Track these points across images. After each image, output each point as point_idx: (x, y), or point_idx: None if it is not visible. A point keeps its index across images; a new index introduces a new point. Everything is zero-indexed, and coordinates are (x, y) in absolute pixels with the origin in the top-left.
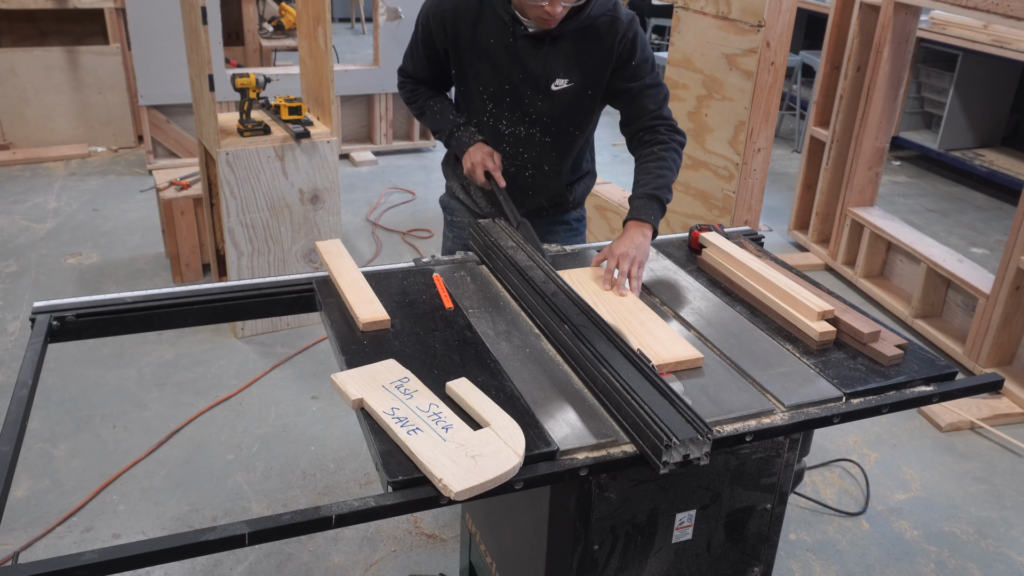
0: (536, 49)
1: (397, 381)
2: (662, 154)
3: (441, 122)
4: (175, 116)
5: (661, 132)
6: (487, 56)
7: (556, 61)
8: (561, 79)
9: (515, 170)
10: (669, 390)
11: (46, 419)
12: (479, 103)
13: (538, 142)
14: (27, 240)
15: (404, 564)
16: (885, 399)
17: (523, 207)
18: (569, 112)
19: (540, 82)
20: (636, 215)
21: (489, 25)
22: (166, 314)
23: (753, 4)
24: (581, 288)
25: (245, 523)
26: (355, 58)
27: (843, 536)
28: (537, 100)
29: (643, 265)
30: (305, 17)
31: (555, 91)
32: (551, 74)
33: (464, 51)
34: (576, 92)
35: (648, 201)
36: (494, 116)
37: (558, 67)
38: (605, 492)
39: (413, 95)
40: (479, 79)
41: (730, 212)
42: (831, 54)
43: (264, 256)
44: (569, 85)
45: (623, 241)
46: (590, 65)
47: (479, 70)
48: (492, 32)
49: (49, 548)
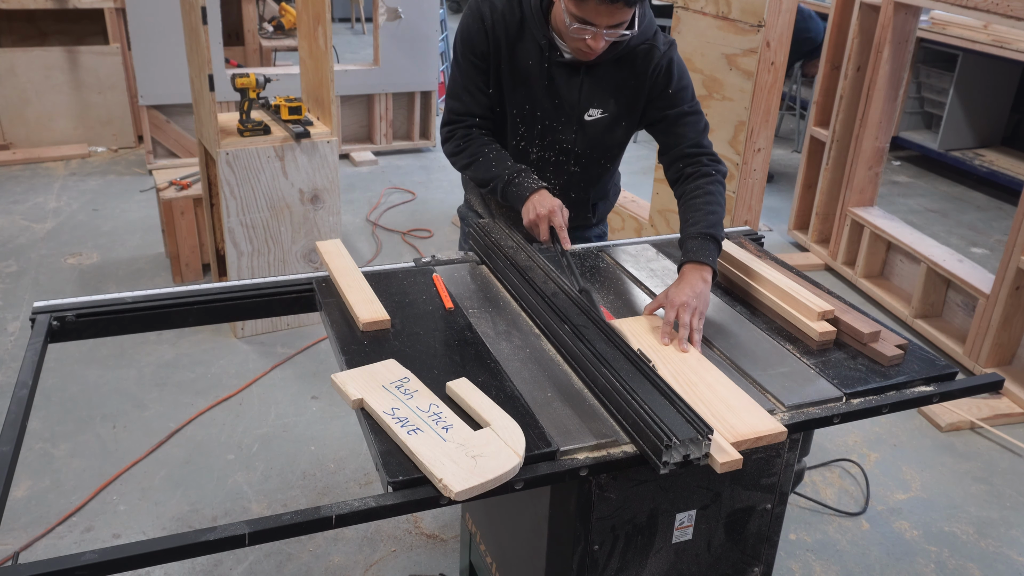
0: (571, 77)
1: (397, 381)
2: (709, 188)
3: (498, 169)
4: (175, 116)
5: (704, 163)
6: (522, 79)
7: (591, 90)
8: (595, 109)
9: None
10: (669, 390)
11: (46, 419)
12: (511, 124)
13: (567, 171)
14: (27, 240)
15: (404, 564)
16: (885, 399)
17: None
18: (601, 143)
19: (573, 111)
20: (694, 257)
21: (527, 46)
22: (166, 314)
23: (753, 4)
24: (637, 340)
25: (245, 523)
26: (355, 58)
27: (843, 536)
28: (570, 130)
29: (704, 316)
30: (305, 17)
31: (588, 121)
32: (585, 104)
33: (502, 68)
34: (609, 123)
35: (704, 241)
36: (525, 139)
37: (593, 97)
38: (605, 492)
39: (465, 142)
40: (512, 101)
41: (730, 212)
42: (831, 54)
43: (264, 256)
44: (603, 116)
45: (682, 288)
46: (625, 95)
47: (513, 91)
48: (529, 54)
49: (49, 548)
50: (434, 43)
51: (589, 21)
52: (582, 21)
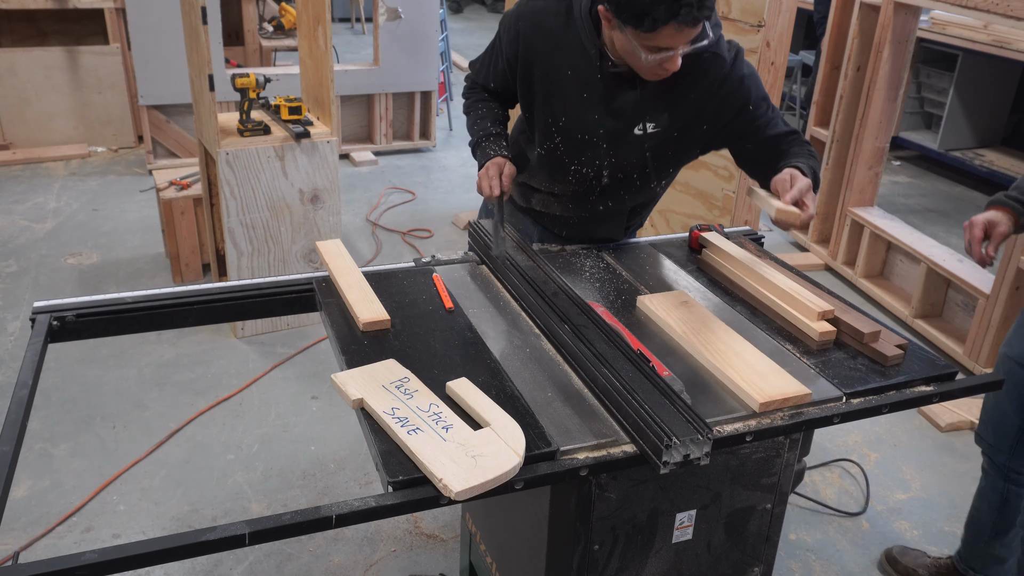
0: (622, 90)
1: (397, 381)
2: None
3: (477, 131)
4: (175, 116)
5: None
6: (561, 88)
7: (644, 103)
8: (648, 123)
9: (574, 204)
10: (669, 390)
11: (46, 419)
12: (546, 134)
13: (606, 186)
14: (27, 240)
15: (404, 564)
16: (885, 399)
17: (572, 231)
18: (651, 159)
19: (621, 126)
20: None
21: (570, 54)
22: (166, 314)
23: (753, 4)
24: (666, 314)
25: (245, 523)
26: (355, 58)
27: (843, 536)
28: (615, 145)
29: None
30: (305, 17)
31: (638, 135)
32: (637, 117)
33: (535, 75)
34: (663, 138)
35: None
36: (561, 150)
37: (646, 110)
38: (605, 492)
39: (469, 94)
40: (548, 110)
41: (730, 212)
42: (831, 54)
43: (264, 256)
44: (655, 130)
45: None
46: (684, 107)
47: (549, 101)
48: (572, 63)
49: (49, 548)
50: (434, 43)
51: (666, 47)
52: (658, 50)
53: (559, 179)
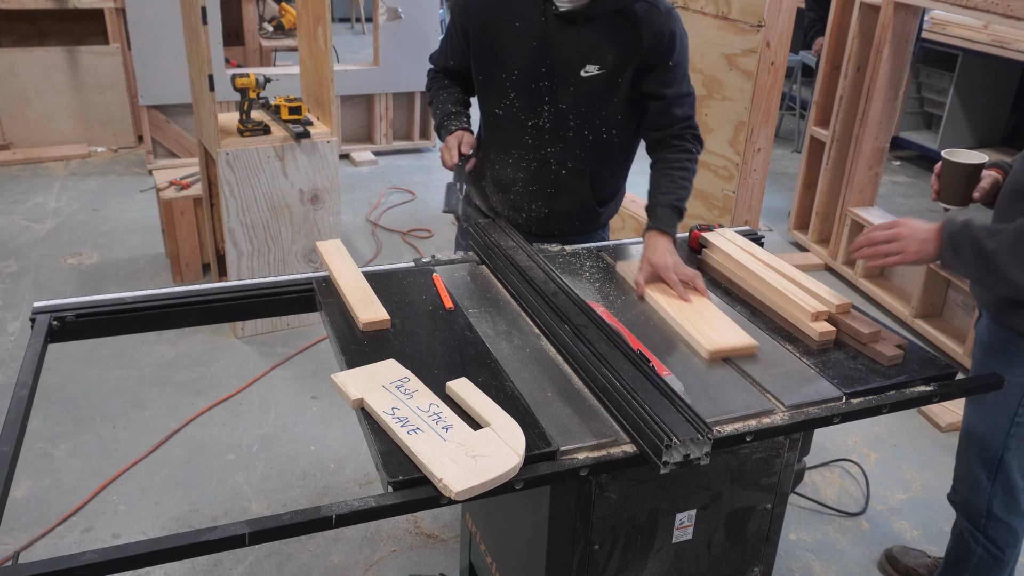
0: (567, 31)
1: (397, 381)
2: (687, 164)
3: (440, 113)
4: (175, 116)
5: (688, 140)
6: (513, 40)
7: (587, 45)
8: (592, 65)
9: (537, 165)
10: (669, 390)
11: (46, 419)
12: (500, 92)
13: (562, 136)
14: (27, 240)
15: (404, 564)
16: (885, 399)
17: (548, 206)
18: (597, 102)
19: (569, 67)
20: (661, 227)
21: (516, 7)
22: (166, 314)
23: (753, 4)
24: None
25: (245, 523)
26: (355, 58)
27: (843, 536)
28: (566, 87)
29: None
30: (305, 17)
31: (584, 78)
32: (582, 59)
33: (489, 34)
34: (606, 80)
35: (671, 212)
36: (516, 106)
37: (589, 51)
38: (605, 492)
39: (431, 83)
40: (503, 65)
41: (730, 212)
42: (831, 54)
43: (264, 256)
44: (599, 72)
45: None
46: (622, 52)
47: (503, 55)
48: (520, 14)
49: (49, 548)
50: (434, 43)
51: None
52: None
53: (517, 142)
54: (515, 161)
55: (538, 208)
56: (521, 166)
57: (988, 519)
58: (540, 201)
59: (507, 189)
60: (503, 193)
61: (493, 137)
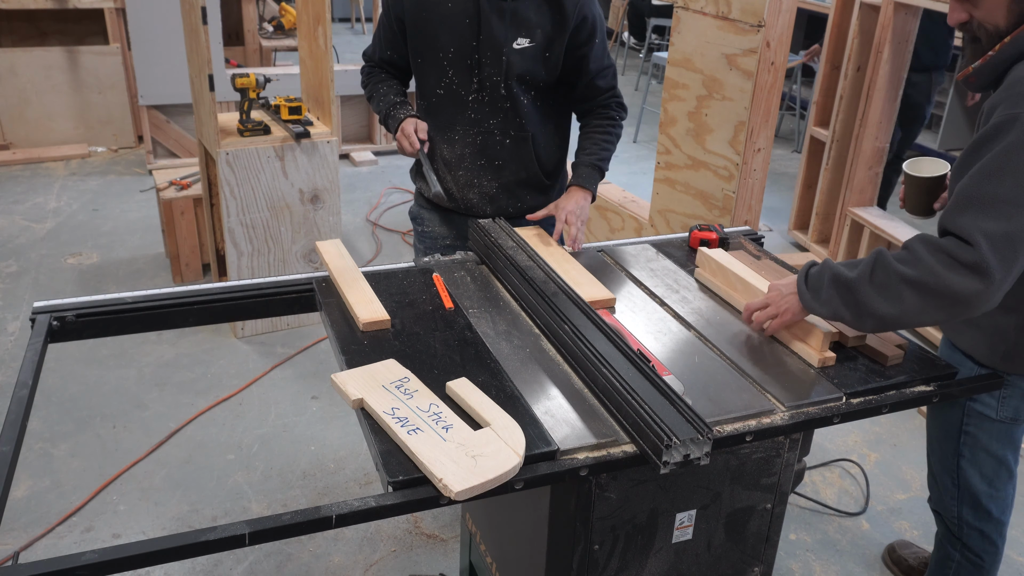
0: (498, 5)
1: (397, 381)
2: (610, 129)
3: (384, 104)
4: (175, 116)
5: (613, 108)
6: (446, 20)
7: (517, 20)
8: (523, 38)
9: (483, 139)
10: (669, 390)
11: (46, 419)
12: (438, 71)
13: (500, 107)
14: (27, 240)
15: (404, 564)
16: (885, 399)
17: (497, 180)
18: (530, 71)
19: (502, 40)
20: (581, 183)
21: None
22: (166, 314)
23: (753, 4)
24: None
25: (245, 523)
26: (355, 58)
27: (843, 536)
28: (500, 59)
29: (584, 224)
30: (305, 17)
31: (517, 49)
32: (513, 33)
33: (422, 18)
34: (536, 52)
35: (592, 171)
36: (456, 83)
37: (520, 26)
38: (605, 492)
39: (368, 79)
40: (439, 45)
41: (730, 212)
42: (831, 54)
43: (264, 256)
44: (530, 45)
45: (570, 201)
46: (549, 27)
47: (438, 36)
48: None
49: (49, 548)
50: None
51: None
52: None
53: (460, 117)
54: (460, 138)
55: (488, 183)
56: (467, 141)
57: (961, 526)
58: (489, 175)
59: (456, 167)
60: (452, 172)
61: (435, 117)
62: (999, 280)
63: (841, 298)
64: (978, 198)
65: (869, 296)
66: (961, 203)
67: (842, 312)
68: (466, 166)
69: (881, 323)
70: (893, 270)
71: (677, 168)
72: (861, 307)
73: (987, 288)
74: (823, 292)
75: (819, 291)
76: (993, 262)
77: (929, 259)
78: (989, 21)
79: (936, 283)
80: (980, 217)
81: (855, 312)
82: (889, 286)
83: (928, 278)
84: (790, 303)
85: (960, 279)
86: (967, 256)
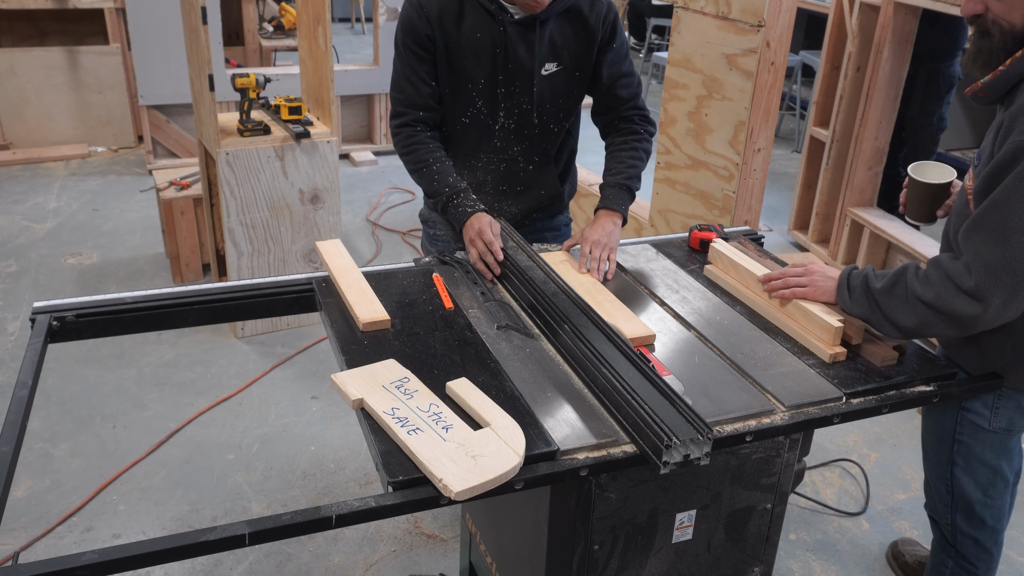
0: (525, 36)
1: (397, 381)
2: (635, 144)
3: (440, 185)
4: (175, 116)
5: (636, 122)
6: (475, 52)
7: (545, 45)
8: (551, 63)
9: (507, 165)
10: (669, 390)
11: (46, 419)
12: (466, 101)
13: (528, 134)
14: (27, 240)
15: (404, 564)
16: (885, 399)
17: (518, 205)
18: (559, 96)
19: (531, 69)
20: (609, 205)
21: (473, 19)
22: (166, 314)
23: (753, 4)
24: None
25: (245, 523)
26: (355, 58)
27: (843, 536)
28: (530, 87)
29: (615, 251)
30: (305, 17)
31: (545, 76)
32: (542, 59)
33: (451, 50)
34: (565, 75)
35: (620, 191)
36: (484, 112)
37: (547, 51)
38: (605, 492)
39: (410, 145)
40: (468, 76)
41: (730, 212)
42: (831, 54)
43: (264, 256)
44: (559, 69)
45: (596, 228)
46: (577, 46)
47: (467, 68)
48: (477, 26)
49: (49, 548)
50: None
51: None
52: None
53: (485, 145)
54: (484, 164)
55: (509, 207)
56: (490, 168)
57: (955, 533)
58: (510, 200)
59: (478, 192)
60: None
61: (459, 145)
62: (998, 304)
63: (868, 304)
64: (986, 225)
65: (890, 307)
66: (971, 227)
67: (868, 316)
68: (487, 191)
69: (901, 332)
70: (910, 288)
71: (677, 168)
72: (882, 314)
73: (985, 312)
74: (855, 293)
75: (852, 291)
76: (990, 288)
77: (938, 283)
78: (1006, 18)
79: (942, 305)
80: (985, 244)
81: (878, 319)
82: (907, 300)
83: (936, 301)
84: (825, 285)
85: (961, 304)
86: (966, 283)
